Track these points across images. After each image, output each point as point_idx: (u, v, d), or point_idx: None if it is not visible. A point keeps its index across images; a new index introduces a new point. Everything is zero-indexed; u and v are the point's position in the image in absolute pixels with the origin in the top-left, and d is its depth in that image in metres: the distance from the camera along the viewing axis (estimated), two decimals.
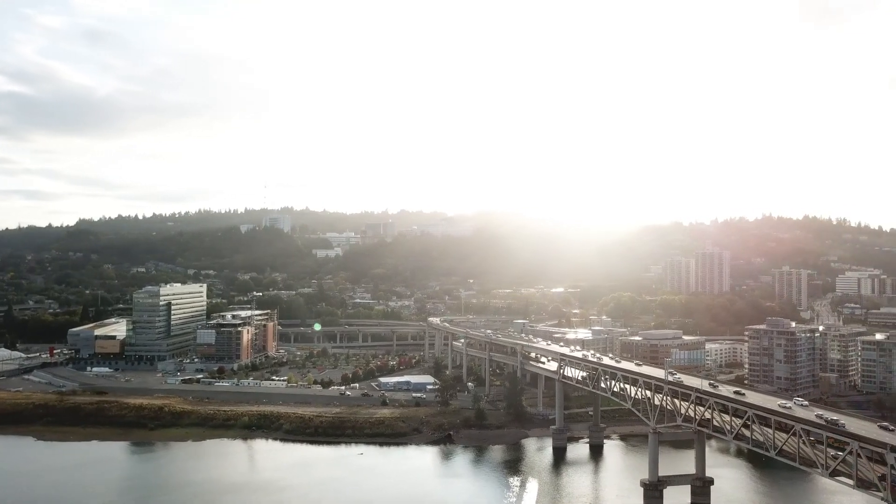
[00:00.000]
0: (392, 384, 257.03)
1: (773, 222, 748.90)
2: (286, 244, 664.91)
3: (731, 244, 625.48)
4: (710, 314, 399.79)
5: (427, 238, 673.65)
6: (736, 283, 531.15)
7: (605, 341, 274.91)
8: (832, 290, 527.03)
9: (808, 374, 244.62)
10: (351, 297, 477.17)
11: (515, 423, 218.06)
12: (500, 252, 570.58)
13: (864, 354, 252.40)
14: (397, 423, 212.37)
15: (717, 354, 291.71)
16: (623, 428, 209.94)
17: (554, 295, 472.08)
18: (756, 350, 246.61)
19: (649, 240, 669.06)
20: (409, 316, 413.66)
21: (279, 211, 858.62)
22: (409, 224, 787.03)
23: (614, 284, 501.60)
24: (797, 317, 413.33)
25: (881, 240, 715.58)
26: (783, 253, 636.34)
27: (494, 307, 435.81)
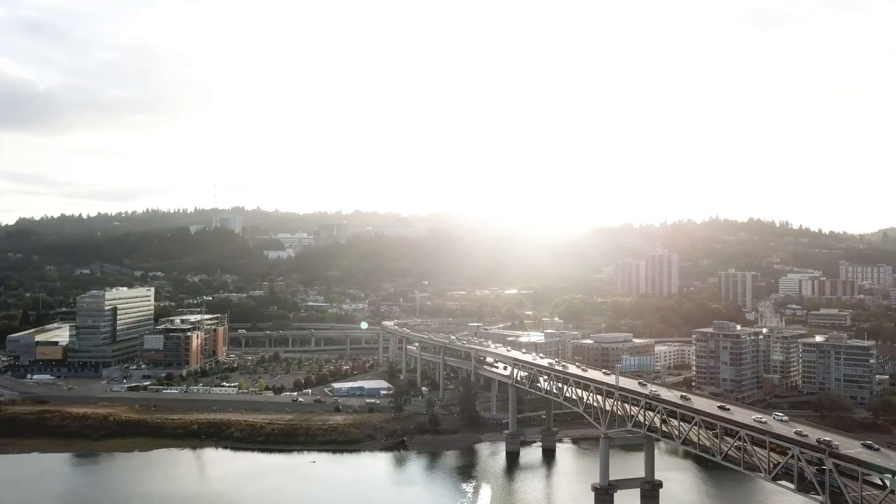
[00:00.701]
0: (345, 390, 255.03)
1: (719, 224, 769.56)
2: (237, 245, 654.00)
3: (680, 246, 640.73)
4: (659, 316, 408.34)
5: (381, 239, 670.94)
6: (684, 284, 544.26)
7: (557, 344, 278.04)
8: (775, 291, 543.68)
9: (752, 376, 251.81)
10: (303, 299, 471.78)
11: (469, 428, 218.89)
12: (454, 253, 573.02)
13: (804, 356, 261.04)
14: (351, 429, 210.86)
15: (666, 357, 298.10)
16: (575, 431, 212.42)
17: (508, 297, 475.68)
18: (703, 353, 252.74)
19: (600, 241, 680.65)
20: (363, 319, 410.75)
21: (230, 211, 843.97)
22: (363, 225, 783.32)
23: (566, 286, 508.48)
24: (742, 318, 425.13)
25: (821, 242, 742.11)
26: (729, 254, 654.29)
27: (449, 309, 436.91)
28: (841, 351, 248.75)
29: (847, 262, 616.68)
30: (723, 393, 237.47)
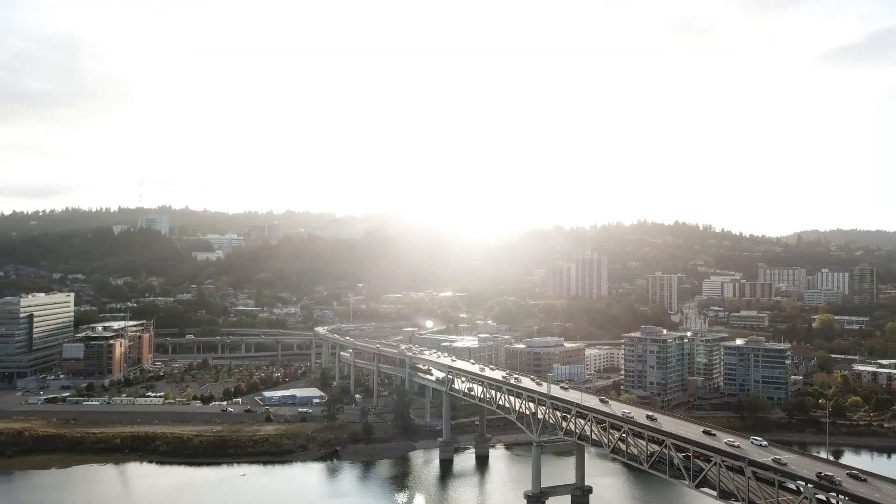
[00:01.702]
0: (277, 398, 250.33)
1: (647, 228, 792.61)
2: (163, 246, 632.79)
3: (609, 248, 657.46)
4: (589, 318, 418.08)
5: (315, 241, 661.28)
6: (614, 286, 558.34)
7: (491, 349, 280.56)
8: (699, 293, 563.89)
9: (677, 379, 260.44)
10: (233, 303, 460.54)
11: (403, 436, 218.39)
12: (389, 255, 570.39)
13: (726, 359, 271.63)
14: (282, 440, 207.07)
15: (596, 360, 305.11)
16: (508, 437, 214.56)
17: (442, 299, 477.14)
18: (631, 357, 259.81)
19: (533, 243, 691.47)
20: (296, 324, 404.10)
21: (156, 210, 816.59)
22: (295, 225, 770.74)
23: (500, 288, 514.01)
24: (668, 320, 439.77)
25: (741, 245, 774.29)
26: (656, 257, 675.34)
27: (384, 313, 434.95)
28: (759, 354, 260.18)
29: (765, 264, 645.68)
30: (650, 396, 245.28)
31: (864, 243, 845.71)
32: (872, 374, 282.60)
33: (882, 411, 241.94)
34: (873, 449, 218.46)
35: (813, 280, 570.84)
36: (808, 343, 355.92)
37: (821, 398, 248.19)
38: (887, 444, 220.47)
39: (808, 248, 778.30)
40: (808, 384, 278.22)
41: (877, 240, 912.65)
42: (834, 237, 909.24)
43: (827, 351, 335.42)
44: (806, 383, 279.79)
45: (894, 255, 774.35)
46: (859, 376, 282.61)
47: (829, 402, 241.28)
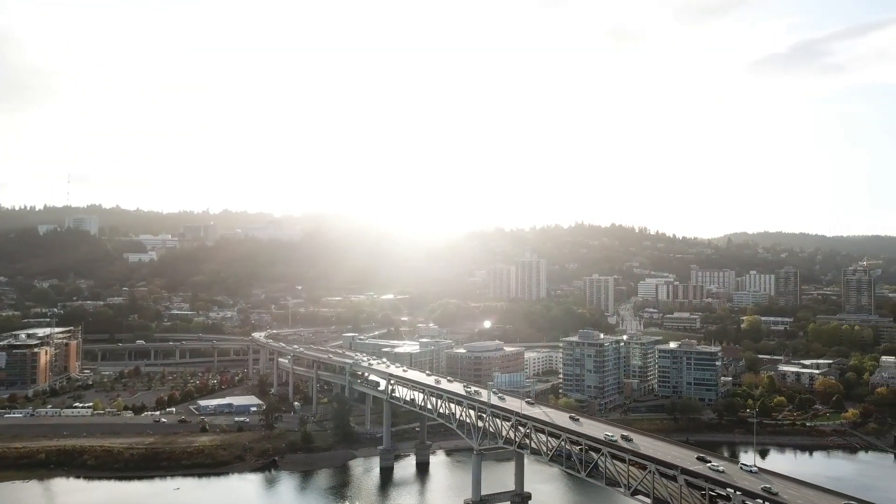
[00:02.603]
0: (213, 407, 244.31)
1: (584, 230, 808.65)
2: (93, 247, 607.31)
3: (548, 250, 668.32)
4: (528, 320, 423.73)
5: (252, 242, 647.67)
6: (553, 288, 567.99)
7: (432, 353, 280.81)
8: (635, 294, 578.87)
9: (614, 382, 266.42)
10: (167, 307, 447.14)
11: (343, 444, 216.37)
12: (330, 257, 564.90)
13: (660, 361, 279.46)
14: (218, 451, 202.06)
15: (535, 363, 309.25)
16: (449, 443, 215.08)
17: (384, 302, 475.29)
18: (569, 361, 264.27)
19: (474, 245, 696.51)
20: (232, 328, 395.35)
21: (85, 209, 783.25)
22: (232, 226, 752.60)
23: (441, 290, 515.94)
24: (604, 321, 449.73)
25: (675, 247, 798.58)
26: (594, 258, 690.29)
27: (324, 316, 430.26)
28: (691, 356, 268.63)
29: (697, 266, 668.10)
30: (587, 399, 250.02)
31: (788, 245, 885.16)
32: (796, 374, 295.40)
33: (804, 411, 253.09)
34: (797, 447, 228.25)
35: (741, 282, 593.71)
36: (736, 344, 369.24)
37: (748, 399, 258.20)
38: (809, 442, 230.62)
39: (737, 251, 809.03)
40: (737, 385, 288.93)
41: (800, 242, 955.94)
42: (761, 239, 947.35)
43: (754, 352, 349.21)
44: (735, 384, 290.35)
45: (816, 258, 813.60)
46: (784, 377, 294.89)
47: (756, 402, 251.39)
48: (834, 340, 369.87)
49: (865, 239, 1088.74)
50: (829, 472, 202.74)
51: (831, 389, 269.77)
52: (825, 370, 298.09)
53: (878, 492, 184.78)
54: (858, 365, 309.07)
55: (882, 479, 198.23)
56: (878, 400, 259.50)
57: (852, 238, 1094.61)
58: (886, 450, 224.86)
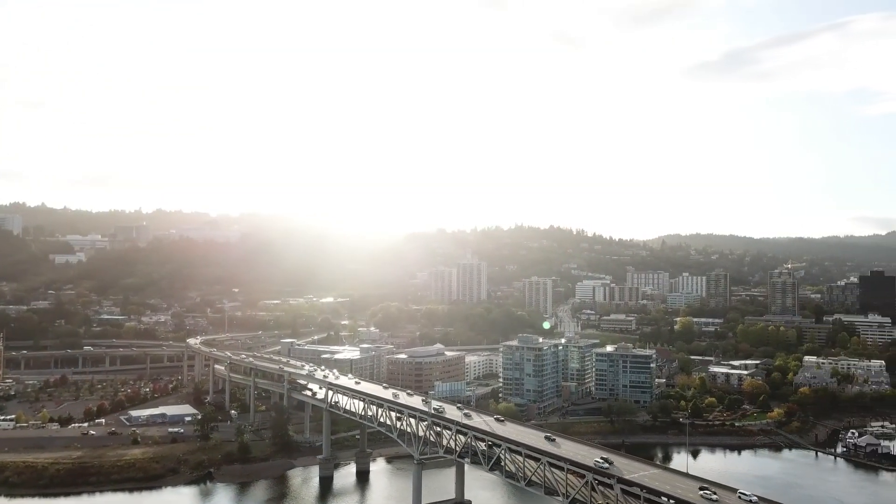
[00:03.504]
0: (145, 418, 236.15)
1: (524, 232, 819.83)
2: (16, 248, 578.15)
3: (489, 252, 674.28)
4: (469, 323, 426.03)
5: (187, 243, 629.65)
6: (493, 289, 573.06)
7: (372, 359, 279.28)
8: (573, 296, 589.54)
9: (552, 385, 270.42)
10: (96, 312, 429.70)
11: (282, 454, 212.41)
12: (268, 258, 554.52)
13: (597, 364, 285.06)
14: (150, 464, 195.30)
15: (476, 367, 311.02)
16: (389, 450, 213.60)
17: (323, 305, 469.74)
18: (509, 365, 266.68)
19: (415, 247, 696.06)
20: (166, 334, 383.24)
21: (7, 208, 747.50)
22: (166, 226, 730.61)
23: (383, 292, 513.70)
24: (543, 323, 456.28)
25: (611, 248, 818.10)
26: (533, 260, 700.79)
27: (261, 320, 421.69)
28: (627, 359, 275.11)
29: (633, 267, 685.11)
30: (527, 403, 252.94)
31: (719, 247, 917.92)
32: (726, 375, 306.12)
33: (733, 411, 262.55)
34: (726, 447, 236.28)
35: (675, 283, 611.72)
36: (670, 345, 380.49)
37: (681, 400, 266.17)
38: (738, 442, 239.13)
39: (670, 252, 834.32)
40: (671, 386, 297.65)
41: (730, 244, 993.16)
42: (693, 241, 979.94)
43: (687, 353, 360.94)
44: (669, 385, 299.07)
45: (745, 259, 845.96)
46: (714, 377, 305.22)
47: (688, 403, 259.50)
48: (761, 341, 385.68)
49: (790, 241, 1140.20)
50: (756, 472, 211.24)
51: (758, 390, 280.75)
52: (752, 371, 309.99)
53: (801, 489, 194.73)
54: (783, 365, 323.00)
55: (804, 477, 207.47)
56: (801, 399, 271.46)
57: (778, 240, 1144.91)
58: (808, 447, 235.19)
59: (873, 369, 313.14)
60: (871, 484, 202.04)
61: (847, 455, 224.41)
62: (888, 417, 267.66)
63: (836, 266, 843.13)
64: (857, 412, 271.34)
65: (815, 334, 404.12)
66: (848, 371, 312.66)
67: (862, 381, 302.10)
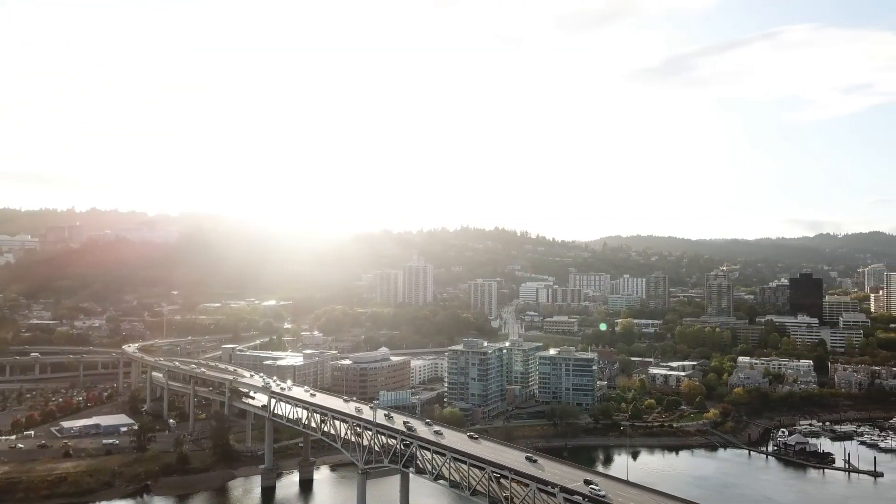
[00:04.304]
0: (78, 429, 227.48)
1: (469, 233, 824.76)
2: None
3: (435, 253, 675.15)
4: (414, 326, 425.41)
5: (123, 244, 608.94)
6: (439, 291, 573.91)
7: (316, 365, 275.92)
8: (517, 297, 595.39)
9: (497, 389, 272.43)
10: (26, 316, 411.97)
11: (222, 464, 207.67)
12: (208, 260, 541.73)
13: (540, 368, 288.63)
14: (83, 478, 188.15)
15: (421, 371, 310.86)
16: (333, 457, 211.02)
17: (265, 309, 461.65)
18: (454, 369, 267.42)
19: (361, 248, 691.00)
20: (101, 339, 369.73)
21: None
22: (101, 226, 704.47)
23: (327, 295, 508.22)
24: (488, 326, 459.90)
25: (554, 250, 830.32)
26: (478, 261, 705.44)
27: (202, 325, 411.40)
28: (570, 363, 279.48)
29: (575, 269, 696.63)
30: (471, 407, 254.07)
31: (658, 249, 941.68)
32: (664, 376, 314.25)
33: (671, 412, 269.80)
34: (665, 448, 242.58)
35: (616, 285, 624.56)
36: (611, 347, 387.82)
37: (622, 402, 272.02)
38: (676, 442, 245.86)
39: (612, 254, 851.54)
40: (612, 388, 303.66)
41: (669, 245, 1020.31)
42: (634, 242, 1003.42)
43: (627, 354, 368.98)
44: (610, 387, 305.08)
45: (682, 261, 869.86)
46: (654, 379, 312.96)
47: (628, 405, 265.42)
48: (698, 342, 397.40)
49: (725, 242, 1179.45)
50: (693, 472, 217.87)
51: (695, 391, 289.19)
52: (690, 372, 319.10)
53: (735, 489, 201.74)
54: (718, 366, 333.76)
55: (738, 476, 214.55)
56: (735, 399, 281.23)
57: (714, 241, 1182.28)
58: (742, 446, 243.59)
59: (802, 369, 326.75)
60: (799, 482, 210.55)
61: (778, 453, 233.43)
62: (816, 416, 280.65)
63: (769, 267, 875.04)
64: (788, 411, 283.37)
65: (749, 335, 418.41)
66: (779, 371, 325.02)
67: (792, 380, 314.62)
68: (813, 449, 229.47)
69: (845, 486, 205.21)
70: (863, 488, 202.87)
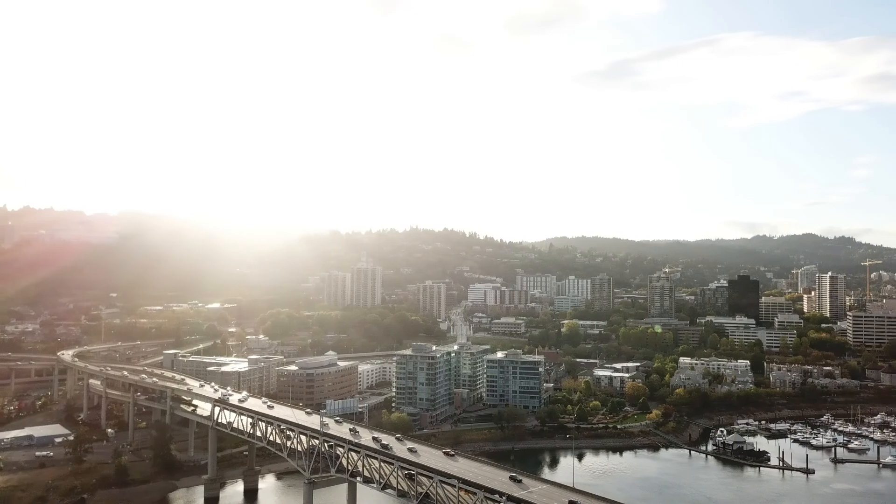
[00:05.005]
0: (8, 440, 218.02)
1: (418, 234, 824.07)
2: None
3: (384, 254, 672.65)
4: (362, 329, 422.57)
5: (59, 244, 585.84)
6: (388, 292, 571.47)
7: (262, 371, 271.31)
8: (465, 299, 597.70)
9: (445, 393, 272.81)
10: None
11: (164, 475, 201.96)
12: (149, 261, 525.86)
13: (488, 371, 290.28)
14: (14, 492, 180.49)
15: (369, 375, 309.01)
16: (279, 465, 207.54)
17: (209, 312, 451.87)
18: (402, 374, 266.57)
19: (308, 249, 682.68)
20: (34, 345, 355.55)
21: None
22: (34, 226, 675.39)
23: (273, 298, 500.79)
24: (437, 328, 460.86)
25: (502, 251, 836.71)
26: (427, 262, 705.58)
27: (143, 329, 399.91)
28: (517, 366, 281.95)
29: (522, 270, 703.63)
30: (419, 412, 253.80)
31: (603, 250, 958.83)
32: (609, 378, 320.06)
33: (616, 413, 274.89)
34: (609, 449, 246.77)
35: (562, 286, 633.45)
36: (557, 348, 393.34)
37: (568, 404, 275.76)
38: (620, 444, 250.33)
39: (558, 255, 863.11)
40: (558, 389, 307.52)
41: (613, 247, 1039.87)
42: (579, 244, 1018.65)
43: (573, 356, 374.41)
44: (556, 389, 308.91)
45: (626, 262, 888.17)
46: (599, 381, 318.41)
47: (574, 407, 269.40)
48: (641, 343, 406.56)
49: (668, 244, 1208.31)
50: (636, 473, 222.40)
51: (638, 392, 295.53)
52: (633, 373, 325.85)
53: (676, 489, 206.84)
54: (661, 367, 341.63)
55: (678, 476, 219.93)
56: (676, 400, 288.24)
57: (657, 243, 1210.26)
58: (683, 446, 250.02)
59: (740, 369, 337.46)
60: (736, 480, 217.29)
61: (717, 453, 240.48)
62: (752, 415, 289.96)
63: (709, 268, 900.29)
64: (726, 411, 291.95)
65: (690, 336, 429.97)
66: (718, 371, 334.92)
67: (730, 380, 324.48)
68: (749, 448, 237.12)
69: (779, 484, 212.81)
70: (796, 485, 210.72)
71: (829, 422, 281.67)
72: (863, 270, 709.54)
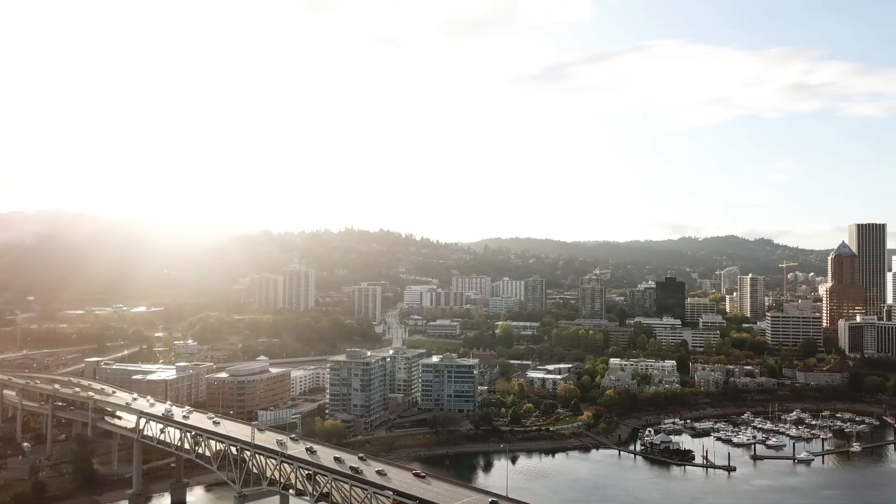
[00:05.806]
0: None
1: (354, 235, 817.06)
2: None
3: (318, 255, 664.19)
4: (295, 333, 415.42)
5: None
6: (322, 295, 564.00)
7: (190, 379, 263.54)
8: (401, 300, 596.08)
9: (380, 398, 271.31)
10: None
11: (85, 490, 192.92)
12: (70, 262, 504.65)
13: (423, 375, 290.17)
14: None
15: (302, 382, 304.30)
16: (208, 477, 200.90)
17: (135, 316, 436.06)
18: (336, 381, 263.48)
19: (239, 250, 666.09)
20: None
21: None
22: None
23: (202, 301, 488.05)
24: (372, 331, 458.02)
25: (438, 252, 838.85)
26: (363, 263, 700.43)
27: (63, 334, 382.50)
28: (452, 370, 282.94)
29: (458, 271, 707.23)
30: (354, 419, 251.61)
31: (535, 251, 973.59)
32: (542, 380, 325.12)
33: (549, 415, 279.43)
34: (542, 451, 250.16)
35: (496, 287, 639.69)
36: (491, 350, 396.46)
37: (502, 407, 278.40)
38: (553, 445, 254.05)
39: (492, 256, 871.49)
40: (492, 392, 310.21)
41: (545, 248, 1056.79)
42: (513, 245, 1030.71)
43: (507, 357, 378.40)
44: (490, 391, 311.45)
45: (558, 263, 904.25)
46: (532, 382, 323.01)
47: (508, 410, 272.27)
48: (573, 344, 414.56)
49: (598, 245, 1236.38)
50: (568, 474, 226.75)
51: (570, 393, 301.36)
52: (566, 375, 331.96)
53: (606, 489, 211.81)
54: (592, 368, 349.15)
55: (608, 477, 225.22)
56: (607, 401, 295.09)
57: (588, 244, 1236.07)
58: (612, 447, 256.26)
59: (666, 369, 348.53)
60: (663, 479, 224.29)
61: (645, 452, 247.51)
62: (678, 414, 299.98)
63: (638, 269, 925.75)
64: (654, 411, 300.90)
65: (620, 337, 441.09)
66: (646, 372, 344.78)
67: (658, 380, 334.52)
68: (675, 447, 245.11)
69: (703, 482, 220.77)
70: (718, 483, 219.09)
71: (749, 420, 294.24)
72: (781, 271, 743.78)
